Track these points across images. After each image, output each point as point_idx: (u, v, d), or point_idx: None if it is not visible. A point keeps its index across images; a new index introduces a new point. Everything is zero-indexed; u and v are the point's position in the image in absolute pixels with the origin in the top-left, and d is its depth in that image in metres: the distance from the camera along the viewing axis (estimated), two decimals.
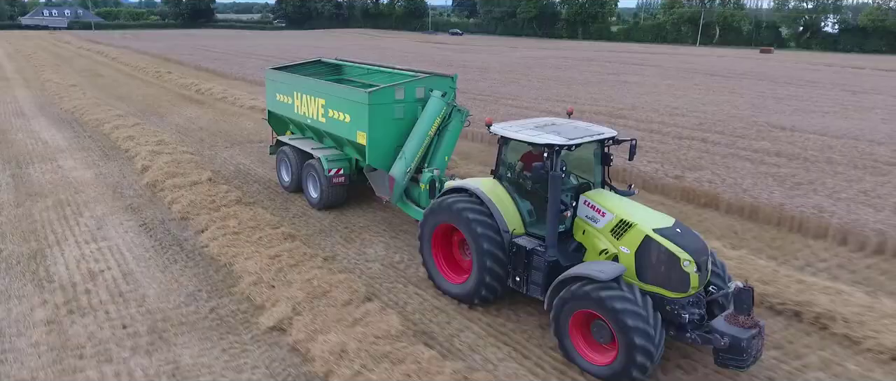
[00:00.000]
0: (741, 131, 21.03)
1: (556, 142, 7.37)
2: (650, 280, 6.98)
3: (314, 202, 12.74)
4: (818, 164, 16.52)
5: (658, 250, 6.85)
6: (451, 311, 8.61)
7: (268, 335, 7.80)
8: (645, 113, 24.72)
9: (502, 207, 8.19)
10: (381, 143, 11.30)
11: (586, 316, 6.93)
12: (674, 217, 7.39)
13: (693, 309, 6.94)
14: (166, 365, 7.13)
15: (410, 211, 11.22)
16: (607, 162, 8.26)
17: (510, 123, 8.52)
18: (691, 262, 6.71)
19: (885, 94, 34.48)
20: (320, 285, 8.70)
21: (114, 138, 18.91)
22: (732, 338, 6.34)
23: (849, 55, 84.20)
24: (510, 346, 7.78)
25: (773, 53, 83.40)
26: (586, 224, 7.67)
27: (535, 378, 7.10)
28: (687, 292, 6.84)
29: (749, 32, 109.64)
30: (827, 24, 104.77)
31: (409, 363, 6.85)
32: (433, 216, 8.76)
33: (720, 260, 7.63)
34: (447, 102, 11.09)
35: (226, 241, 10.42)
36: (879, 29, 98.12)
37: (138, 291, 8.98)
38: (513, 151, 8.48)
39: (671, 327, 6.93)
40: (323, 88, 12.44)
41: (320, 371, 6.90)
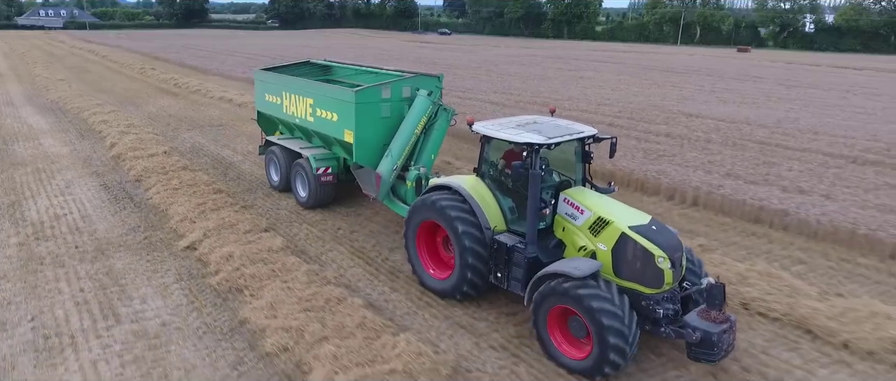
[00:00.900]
0: (650, 117, 23.69)
1: (535, 141, 7.48)
2: (626, 276, 7.14)
3: (303, 201, 12.88)
4: (695, 142, 19.16)
5: (633, 246, 7.01)
6: (328, 239, 11.29)
7: (182, 252, 10.46)
8: (577, 103, 27.35)
9: (484, 204, 8.31)
10: (368, 141, 11.47)
11: (564, 312, 7.08)
12: (650, 215, 7.61)
13: (667, 304, 7.07)
14: (103, 268, 9.78)
15: (397, 208, 11.32)
16: (588, 160, 8.44)
17: (492, 122, 8.61)
18: (665, 258, 6.87)
19: (818, 88, 37.16)
20: (230, 220, 11.38)
21: (90, 122, 21.58)
22: (704, 333, 6.52)
23: (824, 54, 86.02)
24: (361, 258, 10.44)
25: (749, 52, 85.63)
26: (566, 221, 7.80)
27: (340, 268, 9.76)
28: (661, 288, 6.99)
29: (729, 32, 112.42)
30: (804, 24, 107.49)
31: (276, 265, 9.51)
32: (417, 213, 8.89)
33: (697, 258, 7.87)
34: (433, 102, 11.27)
35: (166, 194, 13.08)
36: (853, 28, 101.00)
37: (91, 226, 11.64)
38: (495, 150, 8.59)
39: (647, 321, 7.08)
40: (311, 87, 12.60)
41: (212, 271, 9.55)
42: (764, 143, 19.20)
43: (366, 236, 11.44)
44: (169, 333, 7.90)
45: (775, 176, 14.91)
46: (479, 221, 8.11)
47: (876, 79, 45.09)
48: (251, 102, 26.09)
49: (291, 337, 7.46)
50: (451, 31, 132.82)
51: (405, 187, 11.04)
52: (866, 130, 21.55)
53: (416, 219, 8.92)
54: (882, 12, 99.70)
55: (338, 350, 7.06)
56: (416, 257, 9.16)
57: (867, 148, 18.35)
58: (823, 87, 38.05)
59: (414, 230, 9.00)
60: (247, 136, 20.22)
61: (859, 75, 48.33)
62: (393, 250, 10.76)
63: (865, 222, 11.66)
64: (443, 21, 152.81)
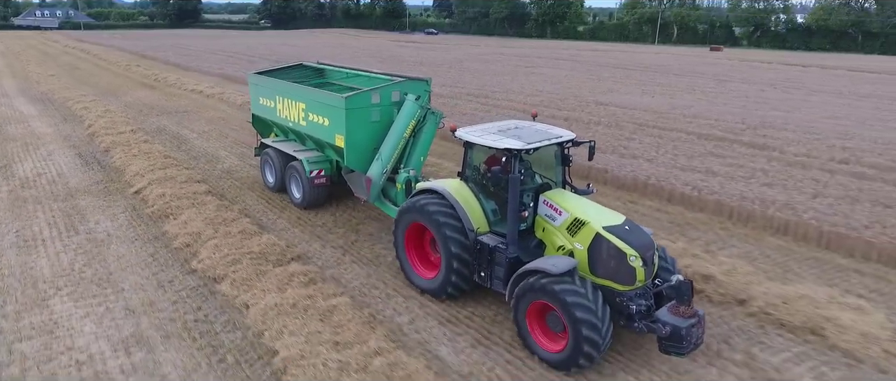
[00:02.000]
0: (568, 106, 27.12)
1: (514, 146, 7.79)
2: (601, 274, 7.48)
3: (298, 202, 13.28)
4: (585, 124, 22.57)
5: (608, 246, 7.35)
6: (245, 188, 14.73)
7: (130, 195, 13.93)
8: (510, 95, 30.78)
9: (468, 207, 8.65)
10: (358, 145, 11.77)
11: (542, 307, 7.43)
12: (624, 216, 7.96)
13: (640, 301, 7.43)
14: (70, 204, 13.24)
15: (388, 210, 11.59)
16: (567, 163, 8.83)
17: (475, 128, 8.93)
18: (637, 257, 7.22)
19: (748, 82, 40.55)
20: (171, 175, 14.80)
21: (73, 109, 25.04)
22: (673, 327, 6.89)
23: (792, 53, 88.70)
24: (264, 200, 13.88)
25: (722, 51, 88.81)
26: (545, 222, 8.16)
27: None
28: (634, 285, 7.36)
29: (705, 32, 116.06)
30: (774, 24, 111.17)
31: (196, 200, 12.93)
32: (405, 216, 9.23)
33: (671, 257, 8.34)
34: (421, 106, 11.52)
35: (126, 159, 16.53)
36: (823, 28, 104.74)
37: (64, 179, 15.11)
38: (478, 154, 8.93)
39: (621, 317, 7.45)
40: (303, 92, 12.89)
41: (150, 205, 12.97)
42: (643, 124, 22.69)
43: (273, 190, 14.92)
44: (111, 239, 11.36)
45: (624, 147, 18.38)
46: (463, 223, 8.49)
47: (810, 74, 48.62)
48: (218, 93, 29.67)
49: (192, 238, 10.93)
50: (438, 31, 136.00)
51: (395, 190, 11.32)
52: (741, 115, 25.04)
53: (404, 221, 9.28)
54: (849, 12, 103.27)
55: (219, 243, 10.54)
56: (404, 257, 9.53)
57: (726, 128, 21.84)
58: (753, 81, 41.49)
59: (402, 232, 9.37)
60: (206, 120, 23.66)
61: (802, 72, 51.75)
62: (286, 204, 14.23)
63: (665, 177, 15.14)
64: (431, 21, 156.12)
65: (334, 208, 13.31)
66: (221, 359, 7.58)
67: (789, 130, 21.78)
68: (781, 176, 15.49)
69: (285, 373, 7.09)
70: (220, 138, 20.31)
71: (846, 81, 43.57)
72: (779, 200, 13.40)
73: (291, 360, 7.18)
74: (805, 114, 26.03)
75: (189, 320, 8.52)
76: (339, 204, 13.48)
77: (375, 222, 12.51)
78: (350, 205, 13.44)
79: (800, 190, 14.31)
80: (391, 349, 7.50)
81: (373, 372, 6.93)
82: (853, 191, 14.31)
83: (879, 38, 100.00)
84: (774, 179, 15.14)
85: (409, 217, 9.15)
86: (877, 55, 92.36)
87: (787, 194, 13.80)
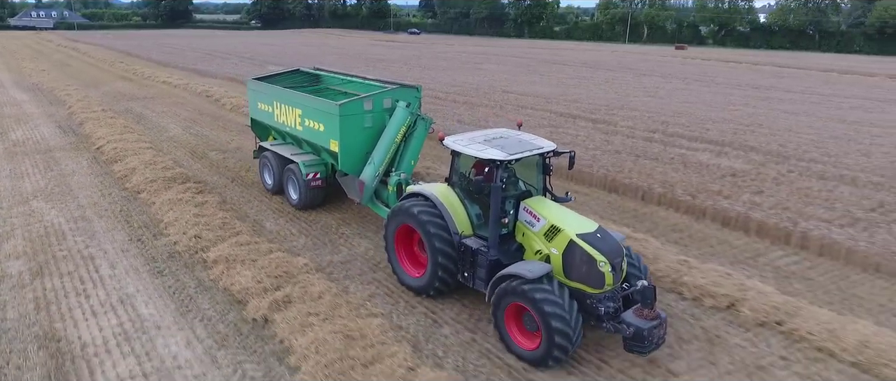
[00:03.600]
0: (474, 92, 32.17)
1: (497, 157, 8.22)
2: (574, 278, 7.96)
3: (295, 203, 13.81)
4: (476, 106, 27.65)
5: (580, 252, 7.80)
6: (201, 164, 19.82)
7: (93, 151, 19.01)
8: (437, 85, 35.75)
9: (453, 211, 9.12)
10: (352, 150, 12.28)
11: (519, 308, 7.85)
12: (597, 223, 8.40)
13: (609, 303, 7.88)
14: (49, 156, 18.33)
15: (380, 211, 12.07)
16: (547, 172, 9.26)
17: (462, 136, 9.30)
18: (606, 263, 7.68)
19: (666, 77, 45.66)
20: (127, 138, 19.84)
21: (58, 96, 30.15)
22: (636, 328, 7.37)
23: (750, 51, 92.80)
24: (214, 170, 18.96)
25: (686, 50, 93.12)
26: (526, 228, 8.59)
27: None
28: (603, 288, 7.82)
29: (673, 31, 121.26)
30: (739, 23, 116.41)
31: (137, 148, 18.02)
32: (395, 218, 9.67)
33: (644, 265, 8.76)
34: (412, 112, 12.04)
35: (94, 128, 21.59)
36: (783, 28, 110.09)
37: (46, 141, 20.22)
38: (465, 161, 9.36)
39: (591, 317, 7.92)
40: (299, 99, 13.42)
41: (106, 154, 18.03)
42: (523, 105, 27.84)
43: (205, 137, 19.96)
44: (74, 174, 16.46)
45: (486, 120, 23.42)
46: (449, 226, 8.97)
47: (726, 69, 53.81)
48: (184, 84, 34.77)
49: (129, 171, 16.00)
50: (421, 30, 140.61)
51: (387, 192, 11.86)
52: (611, 100, 30.19)
53: (393, 223, 9.74)
54: (807, 12, 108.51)
55: (147, 175, 15.61)
56: (394, 257, 10.00)
57: (586, 109, 26.98)
58: (670, 75, 46.61)
59: (392, 233, 9.83)
60: (167, 104, 28.75)
61: (725, 67, 56.98)
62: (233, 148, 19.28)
63: None
64: (415, 21, 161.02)
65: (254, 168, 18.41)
66: (132, 226, 12.66)
67: (639, 110, 26.93)
68: (593, 140, 20.48)
69: (167, 228, 12.20)
70: (174, 117, 25.39)
71: (751, 75, 48.84)
72: (582, 157, 17.99)
73: (171, 223, 12.31)
74: (665, 100, 31.20)
75: (116, 210, 13.64)
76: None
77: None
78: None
79: (602, 149, 18.98)
80: (258, 241, 12.59)
81: (237, 245, 11.99)
82: (638, 150, 19.21)
83: (835, 36, 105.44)
84: (583, 141, 20.21)
85: (398, 219, 9.62)
86: (832, 53, 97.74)
87: (588, 152, 18.42)
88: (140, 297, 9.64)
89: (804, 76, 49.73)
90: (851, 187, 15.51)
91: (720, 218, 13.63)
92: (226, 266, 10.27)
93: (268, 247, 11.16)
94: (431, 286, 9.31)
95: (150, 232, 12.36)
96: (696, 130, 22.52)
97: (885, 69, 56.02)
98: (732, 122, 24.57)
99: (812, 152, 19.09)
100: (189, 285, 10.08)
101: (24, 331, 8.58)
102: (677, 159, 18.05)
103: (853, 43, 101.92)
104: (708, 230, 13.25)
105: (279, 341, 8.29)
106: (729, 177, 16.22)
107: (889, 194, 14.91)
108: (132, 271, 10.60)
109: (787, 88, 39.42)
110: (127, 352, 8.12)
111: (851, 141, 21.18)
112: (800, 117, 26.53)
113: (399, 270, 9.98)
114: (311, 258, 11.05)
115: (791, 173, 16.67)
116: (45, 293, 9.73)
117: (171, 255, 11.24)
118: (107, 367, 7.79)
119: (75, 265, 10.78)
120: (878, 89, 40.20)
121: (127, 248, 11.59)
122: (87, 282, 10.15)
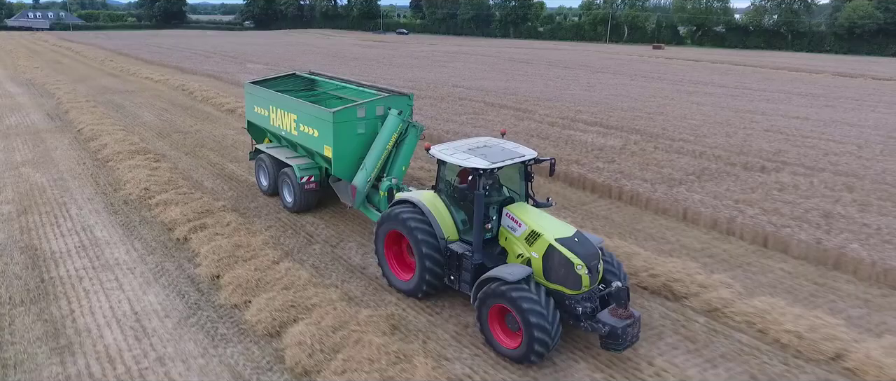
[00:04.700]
0: (431, 87, 35.52)
1: (480, 166, 8.63)
2: (553, 280, 8.42)
3: (289, 206, 14.08)
4: (424, 99, 31.07)
5: (559, 256, 8.27)
6: (165, 142, 23.29)
7: (75, 133, 22.44)
8: (396, 80, 39.19)
9: (440, 217, 9.46)
10: (345, 155, 12.61)
11: (501, 309, 8.32)
12: (575, 227, 8.80)
13: (586, 303, 8.36)
14: (38, 137, 21.78)
15: (371, 215, 12.44)
16: (529, 179, 9.58)
17: (447, 145, 9.61)
18: (583, 266, 8.16)
19: (618, 74, 49.13)
20: (103, 122, 23.28)
21: (48, 89, 33.61)
22: (610, 327, 7.94)
23: (730, 51, 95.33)
24: (172, 147, 22.43)
25: (664, 50, 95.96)
26: (508, 233, 8.99)
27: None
28: (580, 290, 8.31)
29: (653, 31, 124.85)
30: (715, 24, 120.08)
31: (117, 134, 21.47)
32: (384, 224, 10.02)
33: (618, 261, 9.15)
34: (403, 120, 12.38)
35: (77, 115, 25.03)
36: (758, 28, 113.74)
37: (35, 125, 23.68)
38: (451, 169, 9.68)
39: (570, 317, 8.38)
40: (294, 104, 13.71)
41: (85, 134, 21.47)
42: (460, 97, 31.33)
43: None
44: (56, 148, 19.89)
45: (426, 113, 26.83)
46: (436, 232, 9.33)
47: (695, 69, 56.94)
48: (164, 80, 38.21)
49: (101, 146, 19.42)
50: (409, 31, 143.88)
51: (379, 196, 12.23)
52: (543, 91, 33.67)
53: (383, 229, 10.11)
54: (780, 14, 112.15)
55: (116, 148, 19.06)
56: (384, 261, 10.36)
57: (515, 99, 30.44)
58: (622, 73, 50.04)
59: (382, 238, 10.21)
60: (146, 96, 32.21)
61: (694, 66, 60.11)
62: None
63: None
64: (405, 22, 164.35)
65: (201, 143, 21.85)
66: (98, 184, 16.08)
67: (564, 101, 30.42)
68: (504, 123, 23.90)
69: (125, 185, 15.63)
70: (149, 107, 28.82)
71: (700, 73, 52.41)
72: (480, 133, 21.72)
73: (128, 181, 15.74)
74: (595, 93, 34.71)
75: (87, 173, 17.10)
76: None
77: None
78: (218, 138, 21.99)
79: (507, 131, 22.59)
80: (194, 193, 16.06)
81: (176, 194, 15.43)
82: (536, 132, 22.71)
83: (807, 36, 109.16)
84: (494, 125, 23.66)
85: (387, 225, 10.01)
86: (804, 53, 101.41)
87: (493, 134, 22.06)
88: (97, 227, 13.11)
89: (750, 73, 53.32)
90: (690, 159, 19.01)
91: (568, 179, 17.13)
92: (164, 207, 13.76)
93: (200, 196, 14.64)
94: (419, 289, 9.70)
95: (112, 188, 15.82)
96: (600, 117, 26.02)
97: (836, 68, 59.60)
98: (638, 110, 28.09)
99: (684, 134, 22.60)
100: (134, 219, 13.55)
101: (11, 245, 12.04)
102: (563, 139, 21.54)
103: (825, 42, 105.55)
104: (555, 188, 16.74)
105: (191, 249, 11.77)
106: (596, 151, 19.72)
107: (716, 164, 18.41)
108: (94, 212, 14.07)
109: (722, 83, 42.96)
110: (83, 256, 11.59)
111: (728, 126, 24.69)
112: (704, 107, 30.07)
113: (389, 273, 10.36)
114: (231, 204, 14.55)
115: (653, 149, 20.17)
116: (28, 224, 13.21)
117: (125, 201, 14.72)
118: (68, 263, 11.26)
119: (51, 208, 14.25)
120: (807, 85, 43.75)
121: (92, 197, 15.07)
122: (59, 217, 13.63)
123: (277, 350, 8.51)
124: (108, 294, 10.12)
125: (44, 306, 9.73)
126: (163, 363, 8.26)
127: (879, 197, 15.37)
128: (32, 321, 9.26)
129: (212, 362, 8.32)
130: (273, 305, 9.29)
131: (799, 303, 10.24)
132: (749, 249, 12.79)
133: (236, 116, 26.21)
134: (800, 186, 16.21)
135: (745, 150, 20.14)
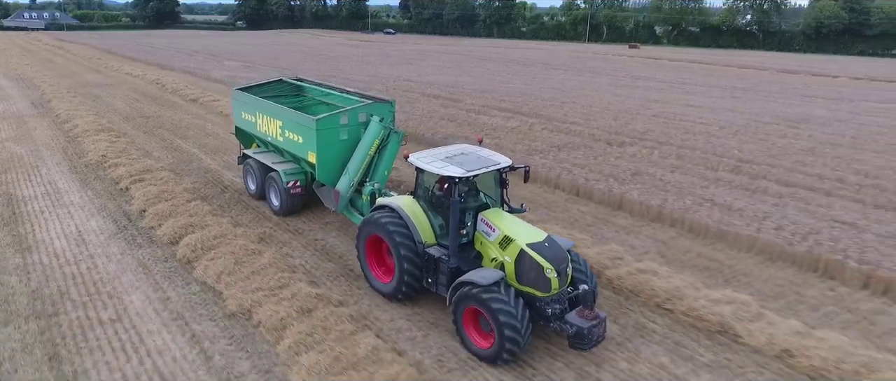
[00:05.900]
0: (382, 81, 39.17)
1: (455, 174, 9.05)
2: (525, 283, 8.86)
3: (276, 209, 14.40)
4: (378, 90, 34.65)
5: (529, 260, 8.71)
6: (132, 125, 27.02)
7: (54, 117, 26.15)
8: (357, 75, 42.88)
9: (418, 222, 9.93)
10: (328, 161, 12.94)
11: (475, 311, 8.78)
12: (546, 233, 9.24)
13: (555, 305, 8.78)
14: (21, 122, 25.49)
15: (354, 218, 12.73)
16: (504, 186, 10.04)
17: (425, 153, 10.12)
18: (552, 270, 8.60)
19: (575, 71, 52.88)
20: (79, 109, 26.99)
21: (35, 83, 37.38)
22: (577, 328, 8.39)
23: (701, 50, 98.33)
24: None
25: (639, 49, 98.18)
26: (483, 237, 9.44)
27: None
28: (550, 292, 8.76)
29: (631, 31, 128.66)
30: (689, 23, 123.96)
31: (102, 122, 25.19)
32: (365, 228, 10.48)
33: (590, 270, 9.53)
34: (385, 126, 12.74)
35: (58, 104, 28.73)
36: (731, 28, 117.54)
37: (20, 112, 27.43)
38: (429, 176, 10.03)
39: (541, 318, 8.81)
40: (279, 111, 14.06)
41: (65, 119, 25.18)
42: (405, 89, 35.06)
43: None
44: (37, 129, 23.59)
45: None
46: (414, 236, 9.73)
47: (650, 66, 60.81)
48: (142, 75, 41.92)
49: (74, 126, 23.12)
50: (396, 31, 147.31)
51: (361, 201, 12.50)
52: (482, 85, 37.39)
53: (364, 233, 10.48)
54: (751, 14, 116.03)
55: (86, 127, 22.77)
56: (365, 264, 10.73)
57: (454, 92, 34.14)
58: (578, 69, 53.85)
59: (363, 243, 10.58)
60: (122, 89, 35.94)
61: (651, 64, 63.83)
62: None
63: None
64: (392, 22, 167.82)
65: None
66: (66, 154, 19.77)
67: (495, 93, 34.16)
68: (428, 110, 27.61)
69: (87, 154, 19.32)
70: (123, 97, 32.53)
71: (653, 70, 56.17)
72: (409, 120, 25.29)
73: (90, 151, 19.43)
74: (531, 86, 38.51)
75: (59, 146, 20.82)
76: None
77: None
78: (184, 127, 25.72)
79: (428, 116, 26.17)
80: (142, 159, 19.83)
81: (127, 159, 19.18)
82: (454, 117, 26.37)
83: (777, 36, 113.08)
84: (419, 110, 27.33)
85: (368, 230, 10.37)
86: (774, 51, 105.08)
87: (417, 119, 25.60)
88: (60, 181, 16.87)
89: (698, 69, 57.23)
90: (564, 136, 22.75)
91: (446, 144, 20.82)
92: (115, 168, 17.49)
93: (146, 161, 18.35)
94: (399, 291, 10.05)
95: (77, 155, 19.57)
96: (517, 105, 29.75)
97: (785, 65, 63.40)
98: (555, 100, 31.84)
99: (577, 118, 26.35)
100: (90, 176, 17.31)
101: None
102: (471, 122, 25.27)
103: (794, 42, 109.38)
104: None
105: (131, 195, 15.48)
106: (490, 130, 23.43)
107: (581, 139, 22.16)
108: (59, 172, 17.83)
109: (661, 78, 46.75)
110: (46, 199, 15.35)
111: (624, 113, 28.44)
112: (617, 97, 33.87)
113: (370, 276, 10.75)
114: (169, 166, 18.29)
115: (541, 129, 23.88)
116: (6, 179, 16.98)
117: (86, 165, 18.47)
118: (34, 203, 15.04)
119: (26, 169, 18.01)
120: (743, 81, 47.49)
121: (60, 162, 18.83)
122: (31, 175, 17.40)
123: (174, 252, 12.24)
124: (61, 221, 13.88)
125: (13, 227, 13.49)
126: (93, 258, 12.00)
127: (695, 163, 19.11)
128: (3, 235, 13.01)
129: (127, 257, 12.06)
130: (177, 224, 13.05)
131: (584, 232, 13.85)
132: (565, 197, 16.56)
133: (198, 104, 29.95)
134: (638, 154, 19.96)
135: (619, 131, 23.87)
